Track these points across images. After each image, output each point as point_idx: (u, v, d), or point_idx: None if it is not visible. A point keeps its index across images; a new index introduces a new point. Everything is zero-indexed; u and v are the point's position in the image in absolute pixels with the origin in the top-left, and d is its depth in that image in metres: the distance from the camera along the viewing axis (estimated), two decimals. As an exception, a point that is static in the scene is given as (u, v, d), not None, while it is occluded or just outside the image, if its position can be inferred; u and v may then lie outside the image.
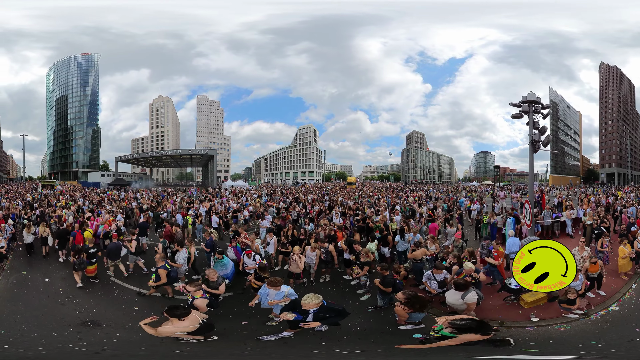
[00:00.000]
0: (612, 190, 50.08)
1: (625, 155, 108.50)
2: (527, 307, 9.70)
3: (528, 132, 11.26)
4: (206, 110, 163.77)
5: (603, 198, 30.45)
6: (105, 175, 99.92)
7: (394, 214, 20.04)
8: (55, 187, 58.11)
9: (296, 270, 11.61)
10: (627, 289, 11.04)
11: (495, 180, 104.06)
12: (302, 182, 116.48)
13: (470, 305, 8.24)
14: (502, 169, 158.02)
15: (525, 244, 8.46)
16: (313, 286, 12.06)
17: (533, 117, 11.19)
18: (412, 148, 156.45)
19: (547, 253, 8.08)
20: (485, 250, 12.51)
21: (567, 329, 8.71)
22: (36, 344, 7.71)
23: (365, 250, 11.73)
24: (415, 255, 12.10)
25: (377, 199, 32.14)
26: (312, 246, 12.47)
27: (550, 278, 7.97)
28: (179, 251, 11.87)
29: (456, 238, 15.19)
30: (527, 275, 8.10)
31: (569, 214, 18.63)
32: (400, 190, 52.11)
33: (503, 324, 8.95)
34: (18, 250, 15.56)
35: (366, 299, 10.91)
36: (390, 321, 9.18)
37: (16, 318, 9.00)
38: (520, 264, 8.19)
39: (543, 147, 10.95)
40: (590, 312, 9.38)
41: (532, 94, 11.00)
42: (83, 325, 8.90)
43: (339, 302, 10.46)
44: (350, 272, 12.63)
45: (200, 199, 31.82)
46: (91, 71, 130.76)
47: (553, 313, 9.38)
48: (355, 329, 8.97)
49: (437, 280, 9.97)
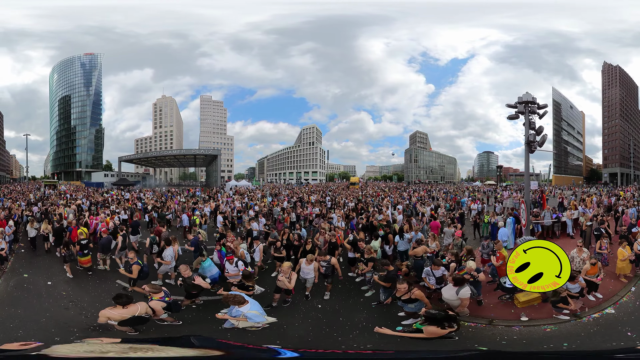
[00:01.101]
0: (615, 190, 49.89)
1: (628, 155, 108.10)
2: (520, 306, 9.73)
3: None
4: (209, 110, 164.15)
5: (605, 198, 30.35)
6: (108, 175, 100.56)
7: (396, 213, 20.19)
8: (60, 188, 58.36)
9: (284, 286, 10.02)
10: (626, 292, 10.88)
11: (498, 180, 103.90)
12: (306, 182, 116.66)
13: (463, 301, 8.44)
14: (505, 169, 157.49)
15: (520, 243, 8.50)
16: (309, 301, 10.71)
17: (530, 118, 11.21)
18: (415, 148, 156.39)
19: (542, 253, 8.11)
20: (486, 249, 12.60)
21: (553, 330, 8.65)
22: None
23: (369, 247, 11.98)
24: (416, 252, 12.36)
25: (382, 198, 32.28)
26: (309, 259, 11.01)
27: (544, 278, 8.01)
28: (166, 248, 12.04)
29: (456, 237, 15.26)
30: (521, 275, 8.14)
31: (569, 215, 18.60)
32: (404, 190, 52.15)
33: (492, 322, 9.01)
34: (20, 253, 15.43)
35: (370, 295, 11.20)
36: (393, 316, 9.51)
37: (13, 322, 8.65)
38: (515, 263, 8.23)
39: (539, 147, 10.99)
40: (583, 315, 9.31)
41: (527, 95, 11.03)
42: (90, 329, 8.56)
43: (344, 299, 10.92)
44: (355, 270, 12.97)
45: (204, 199, 31.96)
46: (94, 71, 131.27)
47: (544, 313, 9.37)
48: (362, 324, 9.18)
49: (435, 277, 10.25)
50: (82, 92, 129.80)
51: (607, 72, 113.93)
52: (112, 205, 25.94)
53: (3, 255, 13.38)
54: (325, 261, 11.10)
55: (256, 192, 44.00)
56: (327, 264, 11.06)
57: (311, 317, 9.76)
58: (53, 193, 44.41)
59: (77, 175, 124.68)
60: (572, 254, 11.11)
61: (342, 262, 14.29)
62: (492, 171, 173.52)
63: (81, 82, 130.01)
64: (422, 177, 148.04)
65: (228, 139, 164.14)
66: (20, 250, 15.80)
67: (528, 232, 11.58)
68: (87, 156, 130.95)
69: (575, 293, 9.38)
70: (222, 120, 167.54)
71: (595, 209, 19.81)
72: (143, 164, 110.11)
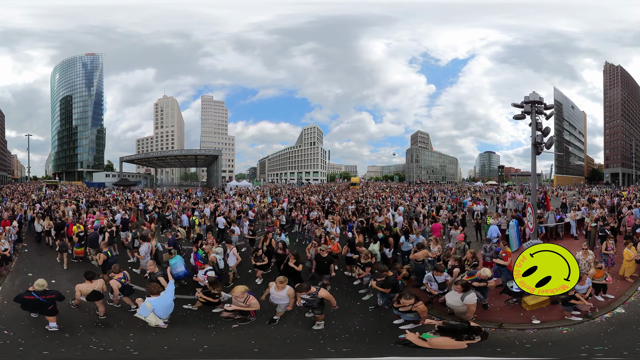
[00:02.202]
0: (618, 190, 49.69)
1: (630, 155, 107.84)
2: (529, 309, 9.67)
3: (531, 133, 11.19)
4: (210, 111, 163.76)
5: (608, 199, 30.20)
6: (109, 176, 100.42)
7: (396, 214, 20.01)
8: (61, 188, 59.17)
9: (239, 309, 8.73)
10: (633, 292, 10.96)
11: (499, 180, 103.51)
12: (307, 182, 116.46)
13: (470, 307, 8.28)
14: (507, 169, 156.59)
15: (527, 247, 8.42)
16: (275, 326, 9.18)
17: (536, 118, 11.07)
18: (417, 148, 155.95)
19: (550, 257, 8.05)
20: (489, 252, 12.50)
21: (570, 332, 8.65)
22: (49, 346, 7.77)
23: (366, 252, 11.74)
24: (417, 256, 12.15)
25: (383, 199, 32.16)
26: (278, 283, 8.81)
27: (553, 282, 7.94)
28: (142, 244, 12.89)
29: (459, 240, 15.14)
30: (528, 279, 8.06)
31: (573, 216, 18.49)
32: (405, 190, 51.96)
33: (502, 326, 8.94)
34: (23, 252, 15.60)
35: (368, 299, 11.01)
36: (389, 321, 9.40)
37: (24, 321, 8.97)
38: (522, 267, 8.16)
39: (546, 149, 10.85)
40: (595, 315, 9.30)
41: (534, 94, 10.84)
42: (94, 326, 9.09)
43: (341, 302, 10.55)
44: (351, 269, 12.87)
45: (204, 199, 31.89)
46: (96, 71, 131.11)
47: (555, 316, 9.33)
48: (355, 327, 9.12)
49: (437, 282, 10.05)
50: (83, 92, 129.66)
51: (609, 72, 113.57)
52: (113, 205, 26.01)
53: (7, 255, 13.50)
54: (309, 294, 8.56)
55: (256, 192, 43.87)
56: (311, 297, 8.57)
57: (302, 320, 9.61)
58: (54, 193, 45.30)
59: (79, 175, 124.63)
60: (577, 257, 11.02)
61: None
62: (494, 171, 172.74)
63: (82, 82, 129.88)
64: (423, 177, 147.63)
65: (229, 139, 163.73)
66: (24, 250, 15.95)
67: (535, 235, 11.46)
68: (88, 156, 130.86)
69: (583, 295, 9.32)
70: (223, 120, 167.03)
71: (600, 210, 19.65)
72: (144, 164, 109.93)
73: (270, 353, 7.89)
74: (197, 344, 8.33)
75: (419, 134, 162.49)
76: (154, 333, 8.41)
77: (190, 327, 9.23)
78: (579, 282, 8.94)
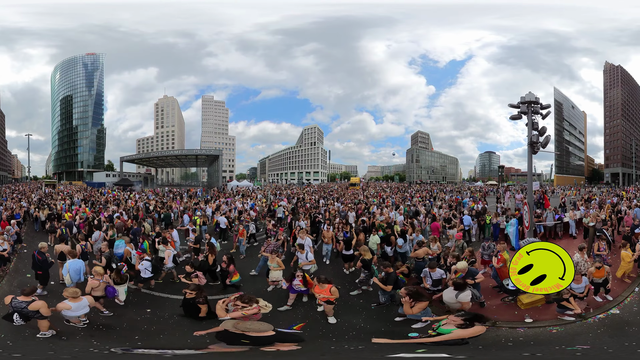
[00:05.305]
0: (617, 190, 49.70)
1: (630, 155, 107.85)
2: (524, 307, 9.71)
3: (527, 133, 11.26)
4: (211, 111, 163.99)
5: (608, 199, 30.23)
6: (110, 175, 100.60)
7: (397, 213, 20.11)
8: (59, 187, 63.55)
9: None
10: (629, 293, 10.93)
11: (499, 180, 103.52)
12: (307, 182, 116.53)
13: (463, 305, 8.40)
14: (507, 169, 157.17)
15: (524, 245, 8.46)
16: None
17: (533, 118, 11.13)
18: (417, 148, 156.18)
19: (546, 255, 8.09)
20: (487, 251, 12.55)
21: (559, 331, 8.65)
22: (45, 349, 7.64)
23: (364, 248, 11.84)
24: (417, 254, 12.37)
25: (384, 199, 32.15)
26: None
27: (547, 280, 7.98)
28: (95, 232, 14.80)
29: (457, 238, 15.20)
30: (523, 276, 8.11)
31: (572, 215, 18.54)
32: (405, 190, 51.98)
33: (495, 324, 8.97)
34: (22, 253, 15.37)
35: (356, 294, 11.19)
36: (391, 318, 9.46)
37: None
38: (518, 265, 8.20)
39: (542, 148, 10.91)
40: (588, 315, 9.29)
41: (530, 95, 10.93)
42: (94, 328, 8.76)
43: (343, 300, 10.60)
44: (349, 267, 13.19)
45: (206, 199, 31.98)
46: (96, 71, 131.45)
47: (549, 315, 9.35)
48: (359, 325, 9.13)
49: (432, 278, 10.39)
50: (84, 92, 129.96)
51: (609, 72, 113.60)
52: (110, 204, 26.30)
53: (5, 256, 13.22)
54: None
55: (256, 192, 43.86)
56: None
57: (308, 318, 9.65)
58: (53, 191, 48.55)
59: (79, 175, 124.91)
60: (576, 258, 11.03)
61: (337, 260, 14.37)
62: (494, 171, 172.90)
63: (83, 82, 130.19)
64: (423, 177, 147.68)
65: (230, 139, 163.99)
66: (22, 250, 15.78)
67: (531, 234, 11.50)
68: (88, 156, 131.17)
69: (580, 294, 9.35)
70: (224, 120, 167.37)
71: (597, 210, 19.65)
72: (145, 164, 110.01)
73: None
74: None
75: (419, 134, 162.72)
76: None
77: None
78: (574, 281, 8.98)
